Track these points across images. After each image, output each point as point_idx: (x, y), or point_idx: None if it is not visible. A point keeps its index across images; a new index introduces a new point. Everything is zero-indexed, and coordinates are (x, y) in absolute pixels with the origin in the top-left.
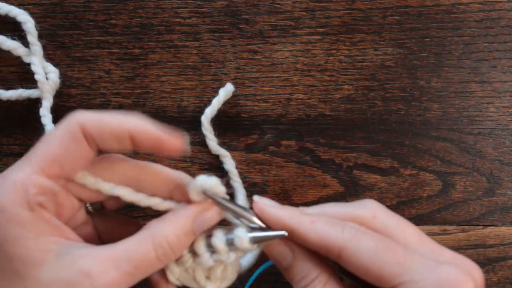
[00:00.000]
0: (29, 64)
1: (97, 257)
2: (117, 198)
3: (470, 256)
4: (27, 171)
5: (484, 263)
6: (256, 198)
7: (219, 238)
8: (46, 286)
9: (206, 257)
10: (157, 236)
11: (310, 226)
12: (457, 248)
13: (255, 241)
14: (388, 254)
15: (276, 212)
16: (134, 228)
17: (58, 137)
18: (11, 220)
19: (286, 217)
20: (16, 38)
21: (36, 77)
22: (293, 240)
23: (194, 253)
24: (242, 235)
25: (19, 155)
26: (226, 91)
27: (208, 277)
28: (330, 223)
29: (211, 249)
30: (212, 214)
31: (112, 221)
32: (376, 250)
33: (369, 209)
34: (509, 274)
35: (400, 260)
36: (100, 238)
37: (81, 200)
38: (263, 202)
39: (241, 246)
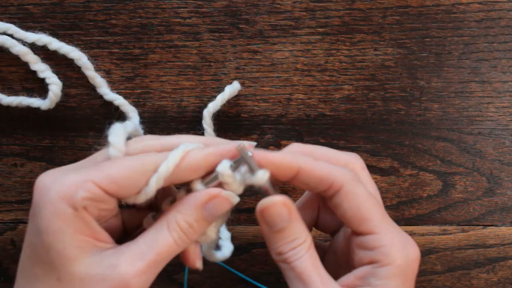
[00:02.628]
0: (28, 66)
1: (123, 253)
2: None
3: (470, 256)
4: (84, 177)
5: (484, 263)
6: (252, 149)
7: (196, 181)
8: (80, 280)
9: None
10: (171, 223)
11: (315, 162)
12: (457, 248)
13: (235, 168)
14: (376, 206)
15: (280, 155)
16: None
17: (131, 166)
18: (54, 214)
19: (290, 157)
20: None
21: (117, 102)
22: (292, 202)
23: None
24: (224, 163)
25: (19, 155)
26: (232, 88)
27: None
28: (331, 162)
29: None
30: (221, 201)
31: (138, 212)
32: (369, 197)
33: (340, 176)
34: (509, 274)
35: (383, 215)
36: (125, 227)
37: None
38: (264, 151)
39: (222, 178)
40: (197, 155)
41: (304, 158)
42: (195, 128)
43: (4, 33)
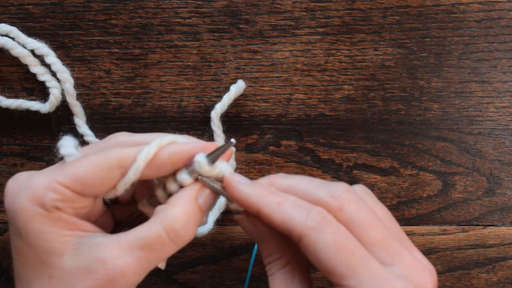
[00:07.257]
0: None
1: (109, 245)
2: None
3: (470, 256)
4: (50, 178)
5: (484, 263)
6: (227, 174)
7: (182, 171)
8: (68, 273)
9: (174, 190)
10: (166, 218)
11: (276, 207)
12: (457, 248)
13: (213, 160)
14: (343, 254)
15: (245, 190)
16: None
17: (94, 162)
18: (30, 217)
19: (253, 196)
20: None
21: (86, 138)
22: (261, 220)
23: (166, 189)
24: (200, 159)
25: (19, 155)
26: (237, 87)
27: None
28: (297, 206)
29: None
30: (209, 192)
31: (128, 210)
32: (334, 247)
33: (337, 199)
34: (509, 274)
35: (353, 264)
36: (116, 223)
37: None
38: (233, 179)
39: (200, 169)
40: (173, 147)
41: (270, 198)
42: (196, 128)
43: (7, 35)
